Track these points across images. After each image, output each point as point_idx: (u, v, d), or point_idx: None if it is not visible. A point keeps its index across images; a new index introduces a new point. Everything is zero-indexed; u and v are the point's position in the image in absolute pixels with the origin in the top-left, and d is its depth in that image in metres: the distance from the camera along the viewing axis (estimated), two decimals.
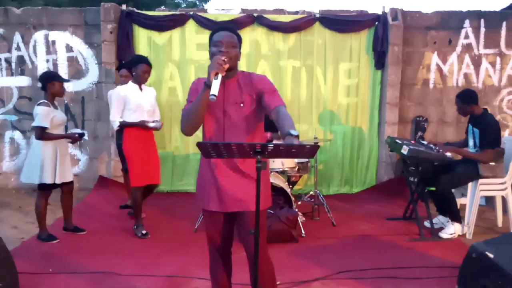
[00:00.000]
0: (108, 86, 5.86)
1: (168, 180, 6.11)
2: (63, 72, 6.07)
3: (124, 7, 5.93)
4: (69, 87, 6.09)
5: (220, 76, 2.00)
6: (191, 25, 5.91)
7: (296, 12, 6.03)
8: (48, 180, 3.92)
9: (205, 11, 6.19)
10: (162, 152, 6.10)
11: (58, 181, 3.98)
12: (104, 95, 5.88)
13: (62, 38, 6.05)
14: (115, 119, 4.17)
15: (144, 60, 4.17)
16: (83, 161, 6.18)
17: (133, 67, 4.17)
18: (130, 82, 4.24)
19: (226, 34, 2.16)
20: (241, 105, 2.19)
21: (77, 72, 6.09)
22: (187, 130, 2.13)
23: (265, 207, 2.33)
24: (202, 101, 2.05)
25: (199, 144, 2.48)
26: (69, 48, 6.06)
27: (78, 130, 5.55)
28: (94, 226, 4.50)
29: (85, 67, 6.08)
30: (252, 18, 5.84)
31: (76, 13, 6.04)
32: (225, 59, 2.03)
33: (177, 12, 6.00)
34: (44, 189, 4.03)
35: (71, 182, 4.21)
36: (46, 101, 4.07)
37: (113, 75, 5.85)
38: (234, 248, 3.82)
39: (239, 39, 2.23)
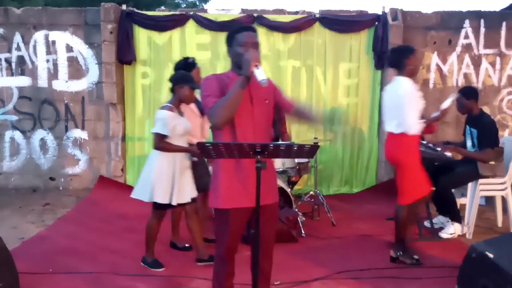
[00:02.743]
0: (108, 86, 5.86)
1: None
2: (63, 72, 6.08)
3: (124, 7, 5.93)
4: (69, 87, 6.10)
5: (260, 66, 2.07)
6: (191, 25, 5.91)
7: (296, 12, 6.04)
8: (160, 199, 3.30)
9: (205, 11, 6.19)
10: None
11: (173, 202, 3.35)
12: (104, 95, 5.89)
13: (62, 38, 6.05)
14: None
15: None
16: (83, 161, 6.18)
17: None
18: None
19: (251, 34, 2.23)
20: (266, 101, 2.29)
21: (77, 72, 6.09)
22: (222, 120, 2.13)
23: (276, 200, 2.42)
24: (239, 92, 2.10)
25: (199, 145, 2.49)
26: (69, 48, 6.06)
27: None
28: (94, 225, 4.51)
29: (85, 67, 6.08)
30: (252, 18, 5.84)
31: (76, 13, 6.04)
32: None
33: (177, 12, 6.00)
34: (159, 208, 3.40)
35: (194, 201, 3.53)
36: (171, 105, 3.34)
37: (113, 75, 5.85)
38: None
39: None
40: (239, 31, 2.25)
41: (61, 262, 3.53)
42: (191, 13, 5.93)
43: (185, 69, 3.66)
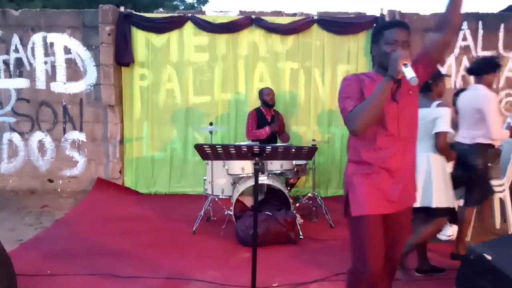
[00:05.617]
0: (106, 88, 5.86)
1: (166, 182, 6.10)
2: (61, 74, 6.07)
3: (122, 9, 5.93)
4: (67, 89, 6.09)
5: (409, 64, 1.87)
6: (189, 27, 5.92)
7: (294, 14, 6.04)
8: (445, 203, 3.10)
9: (203, 13, 6.20)
10: (160, 154, 6.12)
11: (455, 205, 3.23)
12: (102, 97, 5.88)
13: (60, 40, 6.04)
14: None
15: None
16: (81, 163, 6.17)
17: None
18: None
19: (402, 32, 2.00)
20: (410, 92, 2.06)
21: (75, 74, 6.08)
22: (363, 127, 1.93)
23: (413, 203, 2.24)
24: (385, 93, 1.90)
25: (196, 146, 2.49)
26: (67, 50, 6.05)
27: None
28: (92, 227, 4.49)
29: (83, 69, 6.07)
30: (250, 20, 5.84)
31: (74, 15, 6.03)
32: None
33: (175, 14, 6.01)
34: (443, 214, 3.15)
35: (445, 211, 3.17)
36: (443, 101, 3.16)
37: (111, 77, 5.84)
38: (231, 250, 3.84)
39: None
40: (389, 27, 2.01)
41: (59, 264, 3.52)
42: (189, 15, 5.93)
43: None
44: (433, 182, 3.10)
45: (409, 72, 1.85)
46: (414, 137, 2.13)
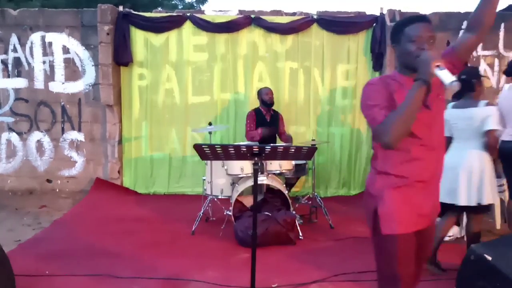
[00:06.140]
0: (105, 87, 5.84)
1: (165, 182, 6.09)
2: (60, 74, 6.05)
3: (121, 8, 5.91)
4: (66, 88, 6.08)
5: (443, 66, 1.67)
6: (188, 26, 5.90)
7: (294, 14, 6.03)
8: (492, 200, 3.20)
9: (202, 12, 6.18)
10: (159, 154, 6.10)
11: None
12: (101, 96, 5.86)
13: (59, 39, 6.02)
14: None
15: None
16: (80, 163, 6.15)
17: None
18: None
19: (425, 27, 1.80)
20: (440, 96, 1.88)
21: (74, 73, 6.06)
22: (399, 138, 1.72)
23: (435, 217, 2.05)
24: (418, 99, 1.69)
25: (195, 146, 2.47)
26: (65, 50, 6.04)
27: None
28: (91, 228, 4.48)
29: (82, 68, 6.05)
30: (250, 20, 5.83)
31: (72, 14, 6.02)
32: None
33: (174, 14, 5.99)
34: (485, 210, 3.28)
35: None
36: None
37: (110, 76, 5.82)
38: (231, 250, 3.82)
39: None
40: (410, 23, 1.82)
41: (57, 264, 3.50)
42: (188, 14, 5.91)
43: None
44: (486, 180, 3.16)
45: (446, 76, 1.64)
46: (444, 145, 1.98)
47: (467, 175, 3.19)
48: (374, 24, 5.85)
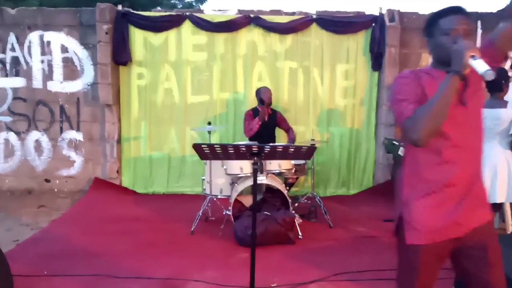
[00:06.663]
0: (104, 87, 5.82)
1: (164, 182, 6.08)
2: (58, 73, 6.03)
3: (120, 7, 5.90)
4: (64, 88, 6.06)
5: (478, 56, 1.54)
6: (187, 25, 5.89)
7: (293, 13, 6.02)
8: None
9: (201, 11, 6.17)
10: (158, 154, 6.09)
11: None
12: (100, 96, 5.85)
13: (57, 38, 6.00)
14: None
15: None
16: (78, 163, 6.14)
17: None
18: None
19: (460, 19, 1.69)
20: (478, 93, 1.74)
21: (72, 73, 6.05)
22: (428, 135, 1.59)
23: (488, 219, 1.80)
24: (450, 93, 1.56)
25: (195, 146, 2.46)
26: (64, 49, 6.02)
27: None
28: (89, 228, 4.46)
29: (80, 68, 6.04)
30: (249, 19, 5.82)
31: (71, 13, 6.00)
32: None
33: (173, 13, 5.97)
34: None
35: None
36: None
37: (109, 76, 5.81)
38: (230, 250, 3.81)
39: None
40: (444, 15, 1.70)
41: (56, 264, 3.49)
42: (187, 13, 5.90)
43: None
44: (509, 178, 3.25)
45: (480, 65, 1.51)
46: (481, 145, 1.77)
47: (491, 173, 3.22)
48: (373, 24, 5.85)
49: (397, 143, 4.31)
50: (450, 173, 1.68)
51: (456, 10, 1.71)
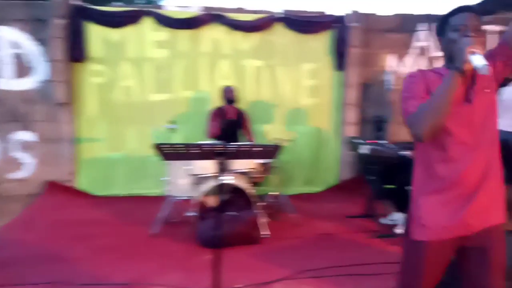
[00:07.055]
0: (58, 85, 5.55)
1: (124, 183, 5.87)
2: (9, 70, 5.69)
3: (75, 1, 5.64)
4: (16, 85, 5.72)
5: (478, 52, 1.58)
6: (147, 21, 5.72)
7: (257, 12, 5.98)
8: None
9: (162, 7, 6.02)
10: (117, 155, 5.88)
11: None
12: (54, 94, 5.57)
13: (8, 33, 5.65)
14: None
15: None
16: (31, 165, 5.81)
17: None
18: None
19: (470, 16, 1.72)
20: (487, 90, 1.74)
21: (24, 70, 5.71)
22: (429, 130, 1.65)
23: (501, 220, 1.78)
24: (451, 89, 1.60)
25: (156, 146, 2.36)
26: (15, 45, 5.68)
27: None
28: (43, 233, 4.22)
29: (33, 64, 5.72)
30: (212, 16, 5.73)
31: (23, 7, 5.67)
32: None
33: (133, 8, 5.79)
34: None
35: None
36: None
37: (63, 73, 5.54)
38: (193, 252, 3.71)
39: (481, 22, 1.77)
40: (455, 13, 1.74)
41: (5, 273, 3.26)
42: (148, 9, 5.73)
43: None
44: None
45: (477, 60, 1.56)
46: (495, 142, 1.77)
47: None
48: (337, 25, 5.91)
49: (360, 141, 4.39)
50: (457, 170, 1.70)
51: (466, 9, 1.75)
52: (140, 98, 5.82)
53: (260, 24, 5.80)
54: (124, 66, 5.78)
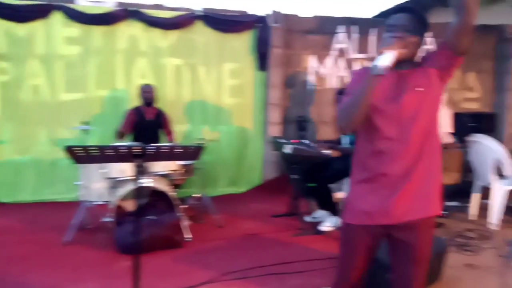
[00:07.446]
0: None
1: (32, 188, 5.41)
2: None
3: None
4: None
5: (393, 53, 1.66)
6: (57, 16, 5.33)
7: (176, 9, 5.84)
8: None
9: (73, 2, 5.62)
10: (25, 158, 5.42)
11: None
12: None
13: None
14: None
15: None
16: None
17: None
18: None
19: (401, 17, 1.79)
20: (419, 89, 1.77)
21: None
22: (347, 124, 1.79)
23: (429, 215, 1.85)
24: (366, 89, 1.71)
25: (67, 148, 2.18)
26: None
27: None
28: None
29: None
30: (128, 12, 5.48)
31: None
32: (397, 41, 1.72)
33: (41, 2, 5.34)
34: None
35: None
36: None
37: None
38: (111, 259, 3.52)
39: (422, 23, 1.81)
40: (392, 13, 1.84)
41: None
42: (58, 3, 5.33)
43: None
44: None
45: (382, 60, 1.66)
46: (430, 139, 1.82)
47: None
48: (259, 25, 5.96)
49: (283, 141, 4.46)
50: (383, 163, 1.81)
51: (402, 9, 1.83)
52: (49, 97, 5.40)
53: (179, 22, 5.67)
54: (32, 63, 5.33)
